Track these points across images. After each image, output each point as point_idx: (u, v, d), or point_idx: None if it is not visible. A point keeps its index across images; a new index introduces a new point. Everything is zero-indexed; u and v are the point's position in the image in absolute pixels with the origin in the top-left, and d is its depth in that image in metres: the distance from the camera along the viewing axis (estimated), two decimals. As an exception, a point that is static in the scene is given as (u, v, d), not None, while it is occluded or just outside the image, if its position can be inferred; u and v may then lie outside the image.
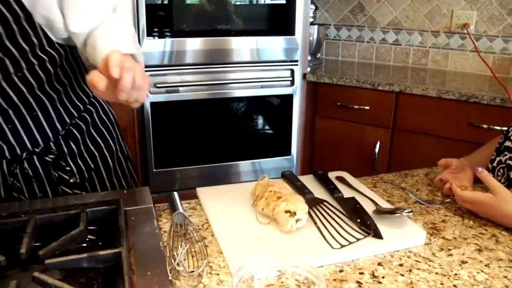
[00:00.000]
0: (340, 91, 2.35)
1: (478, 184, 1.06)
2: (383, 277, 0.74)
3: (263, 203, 0.90)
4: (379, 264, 0.78)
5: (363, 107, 2.31)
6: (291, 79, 2.37)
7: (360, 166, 2.35)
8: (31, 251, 0.72)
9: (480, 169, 0.94)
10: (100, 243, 0.81)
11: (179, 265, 0.73)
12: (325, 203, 0.95)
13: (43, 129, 1.01)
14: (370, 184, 1.11)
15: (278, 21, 2.33)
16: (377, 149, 2.30)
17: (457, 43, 2.55)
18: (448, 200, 1.02)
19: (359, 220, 0.87)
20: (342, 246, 0.80)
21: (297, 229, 0.84)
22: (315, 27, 2.68)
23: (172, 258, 0.74)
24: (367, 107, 2.30)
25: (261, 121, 2.51)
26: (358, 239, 0.82)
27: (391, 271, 0.76)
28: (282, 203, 0.85)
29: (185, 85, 2.20)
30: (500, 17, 2.40)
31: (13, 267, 0.72)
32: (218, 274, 0.74)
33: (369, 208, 0.93)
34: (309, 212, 0.87)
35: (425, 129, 2.16)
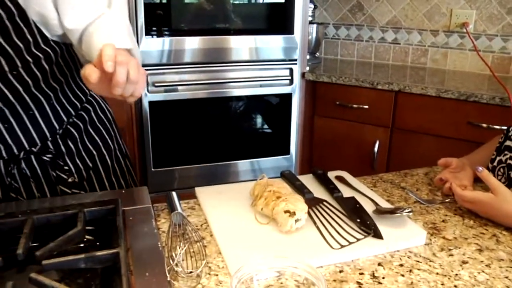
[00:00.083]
0: (339, 90, 2.35)
1: (478, 184, 1.05)
2: (383, 278, 0.74)
3: (262, 203, 0.89)
4: (379, 264, 0.78)
5: (362, 106, 2.31)
6: (290, 78, 2.37)
7: (359, 166, 2.34)
8: (28, 252, 0.71)
9: (481, 168, 0.94)
10: (98, 244, 0.80)
11: (177, 265, 0.72)
12: (325, 203, 0.94)
13: (40, 128, 1.00)
14: (370, 183, 1.11)
15: (277, 20, 2.33)
16: (376, 149, 2.30)
17: (456, 42, 2.55)
18: (448, 200, 1.02)
19: (359, 220, 0.87)
20: (342, 246, 0.80)
21: (297, 229, 0.84)
22: (314, 26, 2.67)
23: (170, 259, 0.74)
24: (366, 106, 2.30)
25: (260, 120, 2.50)
26: (358, 239, 0.82)
27: (391, 271, 0.76)
28: (282, 203, 0.85)
29: (184, 84, 2.20)
30: (499, 16, 2.40)
31: (9, 268, 0.71)
32: (217, 275, 0.74)
33: (369, 208, 0.92)
34: (308, 212, 0.87)
35: (424, 128, 2.16)
